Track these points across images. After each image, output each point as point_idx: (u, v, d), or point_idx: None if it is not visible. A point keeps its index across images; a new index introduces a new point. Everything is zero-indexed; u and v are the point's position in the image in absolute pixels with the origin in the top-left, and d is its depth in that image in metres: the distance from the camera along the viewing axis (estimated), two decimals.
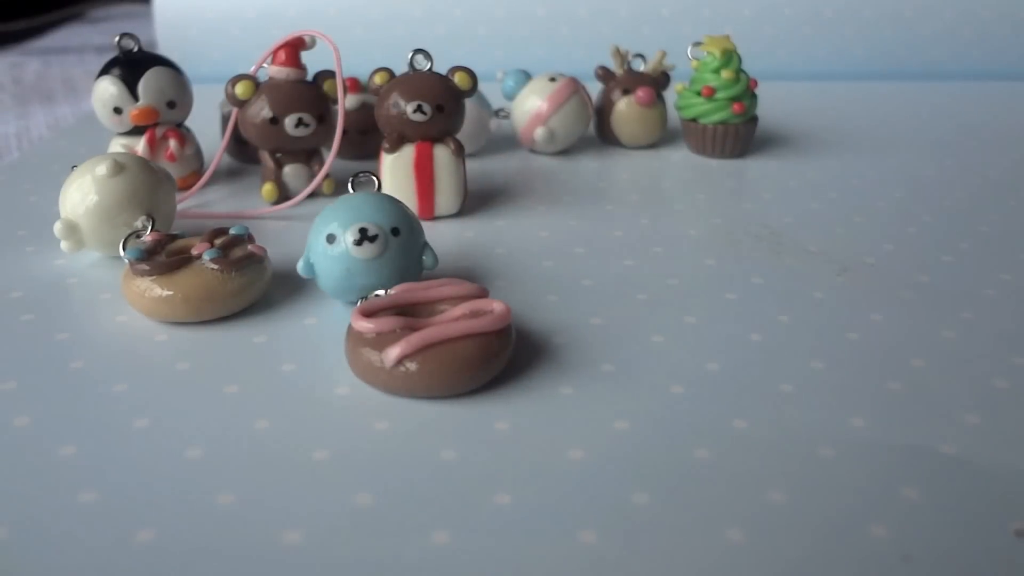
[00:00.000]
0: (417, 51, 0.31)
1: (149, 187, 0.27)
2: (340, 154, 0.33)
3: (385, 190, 0.31)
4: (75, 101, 0.53)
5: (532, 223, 0.31)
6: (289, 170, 0.33)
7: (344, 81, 0.32)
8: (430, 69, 0.31)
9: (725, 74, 0.38)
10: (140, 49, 0.33)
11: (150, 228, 0.26)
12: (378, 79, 0.31)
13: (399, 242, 0.23)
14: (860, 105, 0.50)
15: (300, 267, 0.24)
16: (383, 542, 0.16)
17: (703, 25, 0.55)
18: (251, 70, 0.32)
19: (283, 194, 0.33)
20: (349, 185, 0.25)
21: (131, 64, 0.33)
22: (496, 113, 0.40)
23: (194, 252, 0.24)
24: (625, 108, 0.39)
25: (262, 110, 0.31)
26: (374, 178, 0.26)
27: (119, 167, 0.26)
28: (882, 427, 0.19)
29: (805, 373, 0.21)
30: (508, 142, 0.41)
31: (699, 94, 0.38)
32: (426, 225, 0.27)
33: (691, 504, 0.17)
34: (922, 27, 0.57)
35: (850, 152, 0.40)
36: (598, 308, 0.25)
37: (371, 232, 0.23)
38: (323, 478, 0.18)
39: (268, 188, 0.33)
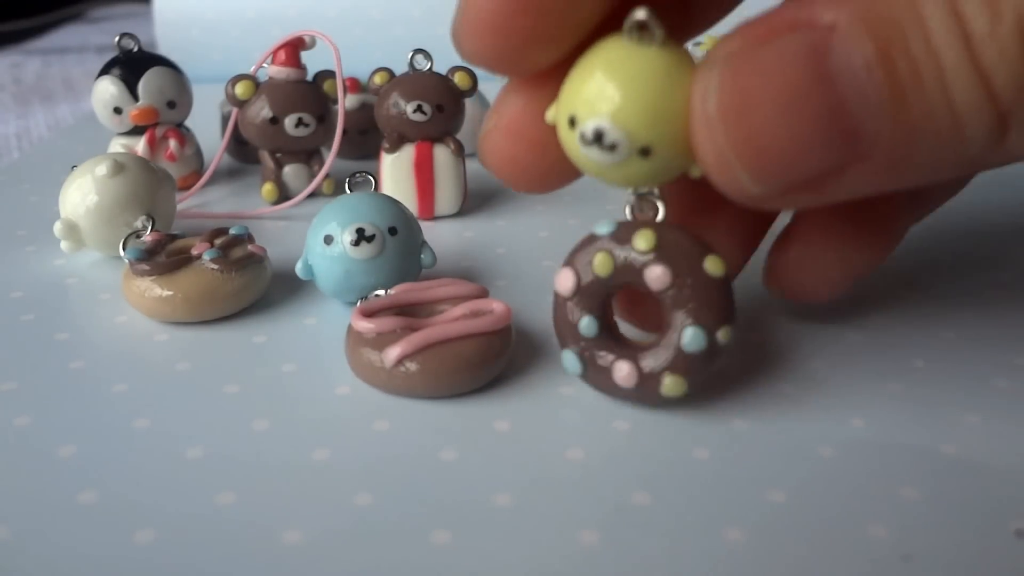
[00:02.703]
0: (417, 51, 0.31)
1: (149, 187, 0.27)
2: (340, 154, 0.33)
3: (385, 190, 0.31)
4: (75, 101, 0.53)
5: (532, 223, 0.31)
6: (289, 170, 0.33)
7: (344, 81, 0.32)
8: (430, 69, 0.31)
9: None
10: (140, 49, 0.33)
11: (150, 228, 0.26)
12: (378, 79, 0.31)
13: (397, 241, 0.23)
14: None
15: (299, 269, 0.24)
16: (383, 542, 0.16)
17: None
18: (251, 70, 0.32)
19: (283, 194, 0.33)
20: (346, 185, 0.25)
21: (131, 64, 0.33)
22: None
23: (194, 252, 0.24)
24: None
25: (262, 110, 0.31)
26: (371, 178, 0.26)
27: (119, 167, 0.26)
28: (882, 427, 0.19)
29: (806, 373, 0.21)
30: None
31: None
32: (426, 225, 0.27)
33: (691, 504, 0.17)
34: None
35: None
36: None
37: (368, 232, 0.23)
38: (323, 478, 0.18)
39: (268, 188, 0.33)
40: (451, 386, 0.20)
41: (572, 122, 0.17)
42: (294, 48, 0.32)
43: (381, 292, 0.22)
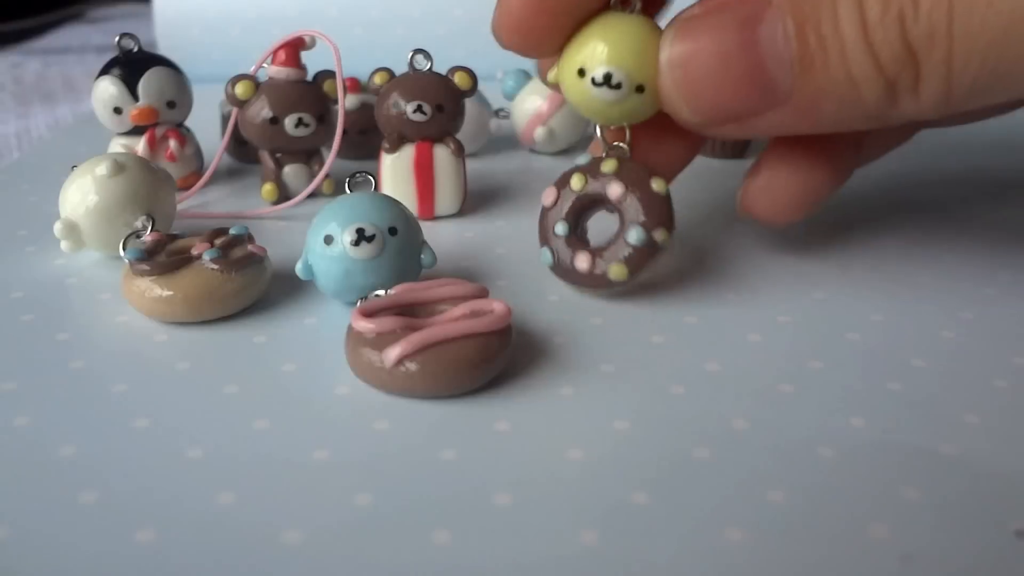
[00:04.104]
0: (417, 51, 0.31)
1: (149, 187, 0.27)
2: (340, 154, 0.33)
3: (385, 190, 0.31)
4: (75, 101, 0.53)
5: (532, 223, 0.31)
6: (289, 170, 0.33)
7: (344, 81, 0.32)
8: (430, 69, 0.31)
9: None
10: (140, 49, 0.33)
11: (150, 228, 0.26)
12: (378, 79, 0.31)
13: (397, 241, 0.23)
14: None
15: (299, 269, 0.24)
16: (383, 542, 0.16)
17: None
18: (251, 70, 0.32)
19: (283, 194, 0.33)
20: (346, 185, 0.25)
21: (131, 64, 0.33)
22: (496, 113, 0.40)
23: (194, 252, 0.24)
24: None
25: (262, 110, 0.31)
26: (371, 178, 0.26)
27: (119, 167, 0.26)
28: (882, 427, 0.19)
29: (805, 373, 0.21)
30: (508, 142, 0.41)
31: None
32: (426, 225, 0.27)
33: (691, 504, 0.17)
34: None
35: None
36: (598, 308, 0.25)
37: (368, 232, 0.23)
38: (323, 478, 0.18)
39: (268, 188, 0.33)
40: (451, 386, 0.20)
41: (581, 73, 0.22)
42: (294, 48, 0.32)
43: (381, 292, 0.22)
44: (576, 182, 0.25)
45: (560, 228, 0.25)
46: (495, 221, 0.32)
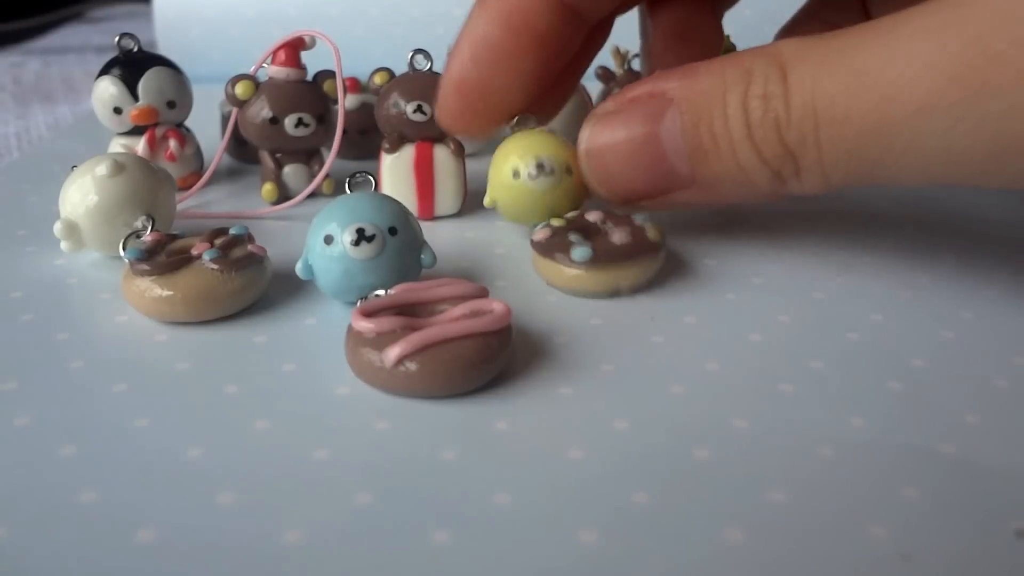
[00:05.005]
0: (417, 51, 0.31)
1: (149, 187, 0.27)
2: (340, 154, 0.33)
3: (385, 190, 0.31)
4: (75, 101, 0.53)
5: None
6: (289, 170, 0.33)
7: (344, 81, 0.32)
8: (430, 69, 0.31)
9: None
10: (140, 49, 0.33)
11: (150, 228, 0.26)
12: (378, 79, 0.31)
13: (397, 241, 0.23)
14: None
15: (299, 269, 0.24)
16: (383, 542, 0.16)
17: None
18: (251, 70, 0.32)
19: (283, 194, 0.33)
20: (346, 185, 0.25)
21: (131, 64, 0.33)
22: None
23: (194, 252, 0.24)
24: None
25: (262, 110, 0.31)
26: (371, 178, 0.26)
27: (119, 167, 0.26)
28: (882, 427, 0.19)
29: (805, 373, 0.21)
30: None
31: None
32: (426, 225, 0.27)
33: (691, 504, 0.17)
34: None
35: None
36: (598, 309, 0.25)
37: (368, 232, 0.23)
38: (323, 478, 0.18)
39: (268, 188, 0.33)
40: (451, 386, 0.20)
41: (516, 174, 0.27)
42: (294, 48, 0.32)
43: (381, 292, 0.22)
44: (558, 222, 0.26)
45: (574, 237, 0.25)
46: (495, 221, 0.32)
